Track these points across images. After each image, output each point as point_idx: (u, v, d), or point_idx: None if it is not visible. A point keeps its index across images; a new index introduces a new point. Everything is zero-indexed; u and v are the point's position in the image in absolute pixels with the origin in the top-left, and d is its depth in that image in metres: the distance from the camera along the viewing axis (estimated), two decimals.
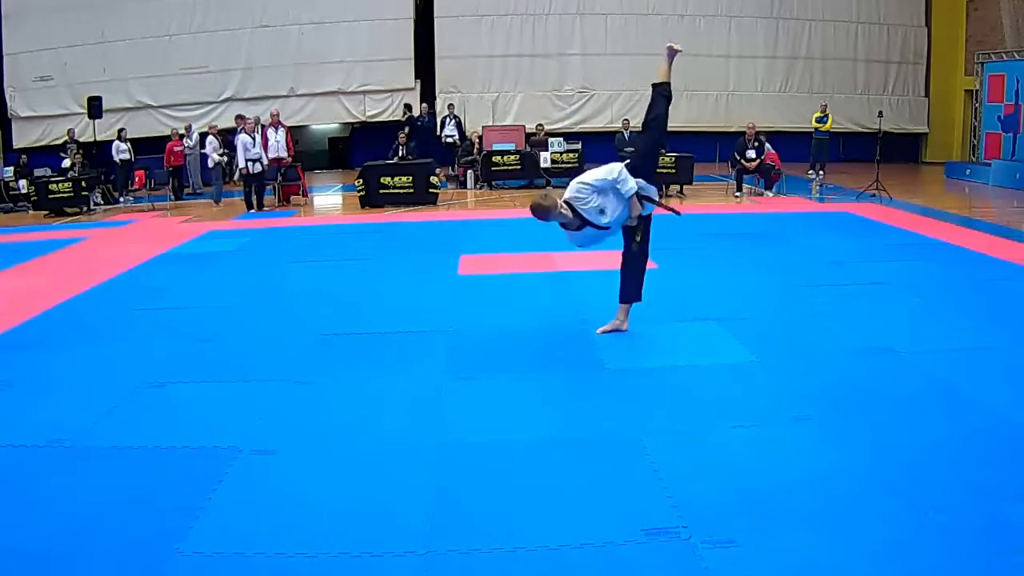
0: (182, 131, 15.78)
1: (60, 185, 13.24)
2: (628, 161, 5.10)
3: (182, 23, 18.05)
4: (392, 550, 2.85)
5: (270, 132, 13.45)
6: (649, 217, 5.29)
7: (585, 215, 4.86)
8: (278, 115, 14.06)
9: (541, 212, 4.80)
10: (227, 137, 15.59)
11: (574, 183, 4.91)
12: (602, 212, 4.88)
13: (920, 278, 6.84)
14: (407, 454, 3.63)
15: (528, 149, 15.11)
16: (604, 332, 5.31)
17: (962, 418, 3.88)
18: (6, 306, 6.58)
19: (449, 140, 16.60)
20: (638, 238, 5.26)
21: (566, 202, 4.85)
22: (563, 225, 4.97)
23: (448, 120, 16.81)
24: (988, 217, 10.77)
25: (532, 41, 18.71)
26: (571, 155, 14.89)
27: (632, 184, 4.88)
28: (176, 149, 15.20)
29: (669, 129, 17.11)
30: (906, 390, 4.27)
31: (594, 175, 4.87)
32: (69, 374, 4.85)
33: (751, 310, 5.90)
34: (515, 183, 15.10)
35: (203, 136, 15.42)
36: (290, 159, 13.80)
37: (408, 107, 17.27)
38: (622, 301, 5.36)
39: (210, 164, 14.37)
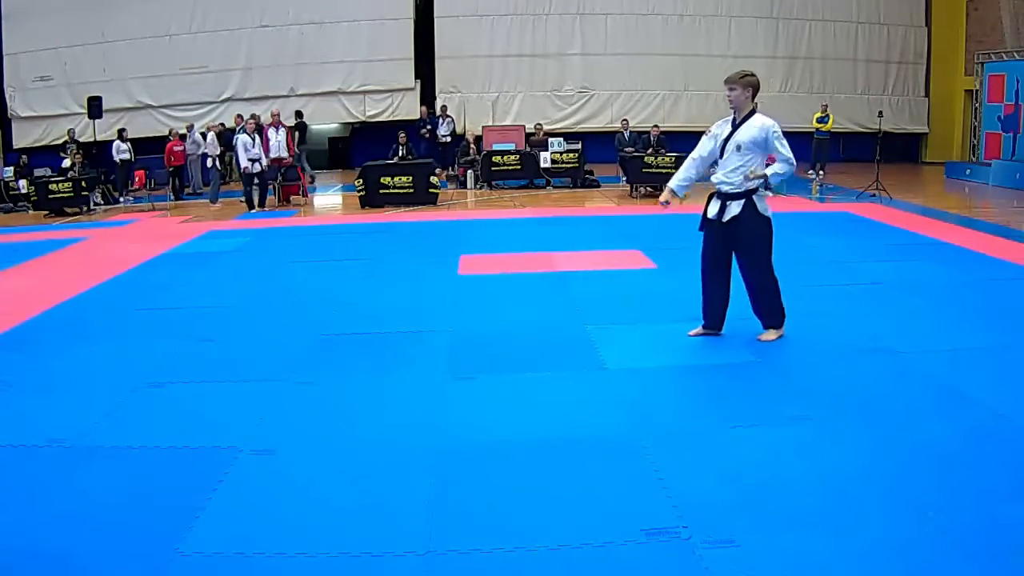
0: (182, 131, 15.78)
1: (60, 185, 13.24)
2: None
3: (182, 23, 18.08)
4: (392, 550, 2.85)
5: (271, 132, 13.45)
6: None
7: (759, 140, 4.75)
8: (279, 115, 14.04)
9: (749, 79, 4.81)
10: (226, 136, 15.61)
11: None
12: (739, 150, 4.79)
13: (920, 278, 6.84)
14: (407, 454, 3.63)
15: (528, 149, 15.11)
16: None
17: (962, 418, 3.88)
18: (6, 306, 6.59)
19: (443, 140, 16.62)
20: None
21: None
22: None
23: (441, 120, 16.84)
24: (988, 217, 10.77)
25: (532, 41, 18.72)
26: (571, 155, 14.89)
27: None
28: (176, 149, 15.20)
29: (669, 129, 17.07)
30: (906, 390, 4.27)
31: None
32: (69, 374, 4.85)
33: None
34: (515, 183, 15.10)
35: (203, 135, 15.43)
36: (291, 159, 13.78)
37: (299, 114, 17.06)
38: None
39: (208, 164, 14.37)
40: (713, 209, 4.97)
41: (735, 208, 4.89)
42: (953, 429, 3.75)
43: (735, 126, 4.88)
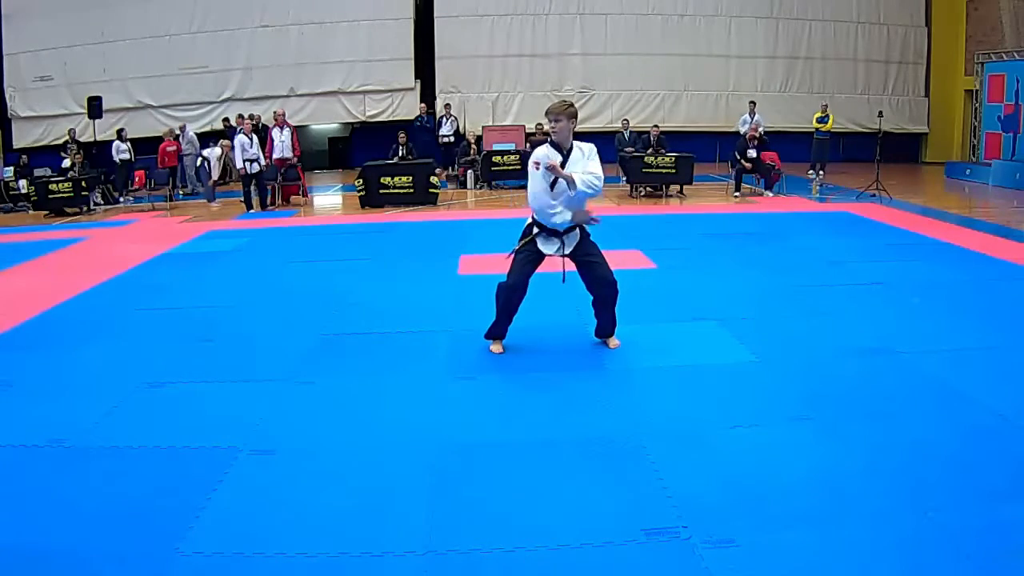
0: (178, 131, 15.76)
1: (60, 185, 13.23)
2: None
3: (182, 23, 18.08)
4: (392, 550, 2.85)
5: (275, 132, 13.42)
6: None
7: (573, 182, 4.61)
8: (283, 115, 13.98)
9: (572, 110, 4.65)
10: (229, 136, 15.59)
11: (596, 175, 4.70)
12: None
13: (920, 278, 6.85)
14: (407, 454, 3.63)
15: (528, 149, 15.09)
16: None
17: (962, 418, 3.89)
18: (6, 306, 6.59)
19: (445, 140, 16.61)
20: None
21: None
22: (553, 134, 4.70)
23: (445, 120, 16.83)
24: (988, 217, 10.77)
25: (532, 41, 18.72)
26: None
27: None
28: (169, 150, 15.16)
29: (670, 129, 17.11)
30: (905, 390, 4.27)
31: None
32: (69, 374, 4.85)
33: (751, 310, 5.90)
34: (515, 183, 15.08)
35: (230, 133, 15.28)
36: (296, 159, 13.74)
37: (228, 120, 17.17)
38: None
39: (198, 162, 14.35)
40: (551, 248, 4.84)
41: (572, 241, 4.85)
42: (953, 429, 3.76)
43: (565, 158, 4.70)
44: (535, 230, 4.89)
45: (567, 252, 4.88)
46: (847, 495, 3.16)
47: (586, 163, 4.71)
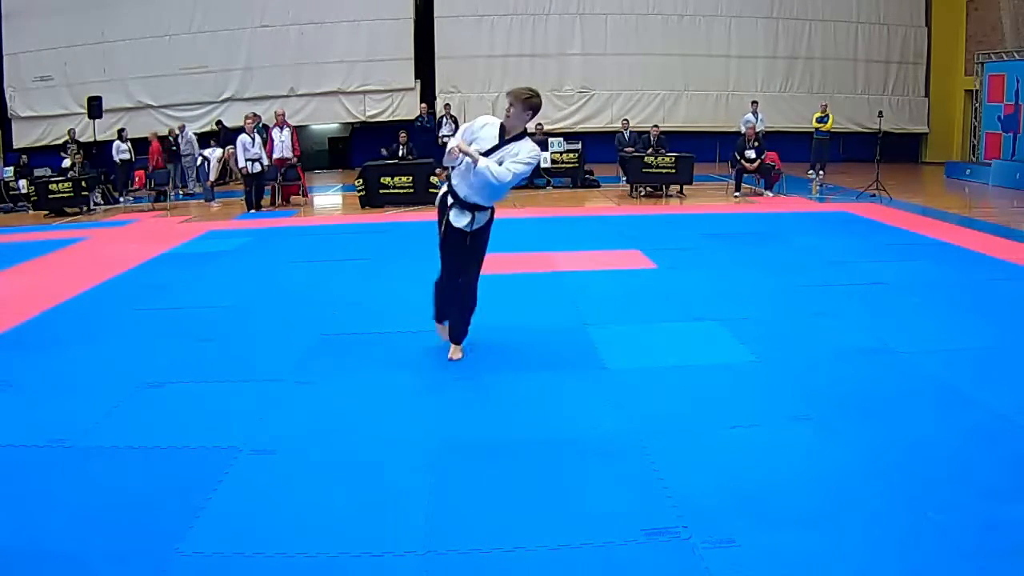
0: (163, 132, 15.77)
1: (60, 185, 13.24)
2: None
3: (182, 23, 18.08)
4: (392, 550, 2.85)
5: (275, 132, 13.42)
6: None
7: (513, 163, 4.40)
8: (284, 115, 13.98)
9: (532, 101, 4.42)
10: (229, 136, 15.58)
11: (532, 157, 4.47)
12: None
13: (920, 278, 6.85)
14: (407, 454, 3.63)
15: None
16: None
17: (961, 418, 3.89)
18: (6, 306, 6.58)
19: (445, 140, 16.58)
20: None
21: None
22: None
23: (445, 120, 16.82)
24: (988, 217, 10.77)
25: (532, 41, 18.73)
26: (571, 155, 14.89)
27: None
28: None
29: (669, 129, 17.06)
30: (905, 390, 4.27)
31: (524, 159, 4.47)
32: (69, 374, 4.84)
33: (751, 310, 5.90)
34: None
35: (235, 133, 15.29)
36: (296, 159, 13.73)
37: (220, 122, 17.32)
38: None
39: (198, 162, 14.35)
40: (462, 220, 4.62)
41: (482, 219, 4.66)
42: (953, 429, 3.76)
43: (503, 141, 4.46)
44: (450, 200, 4.65)
45: (474, 228, 4.64)
46: (847, 495, 3.16)
47: (515, 156, 4.45)
